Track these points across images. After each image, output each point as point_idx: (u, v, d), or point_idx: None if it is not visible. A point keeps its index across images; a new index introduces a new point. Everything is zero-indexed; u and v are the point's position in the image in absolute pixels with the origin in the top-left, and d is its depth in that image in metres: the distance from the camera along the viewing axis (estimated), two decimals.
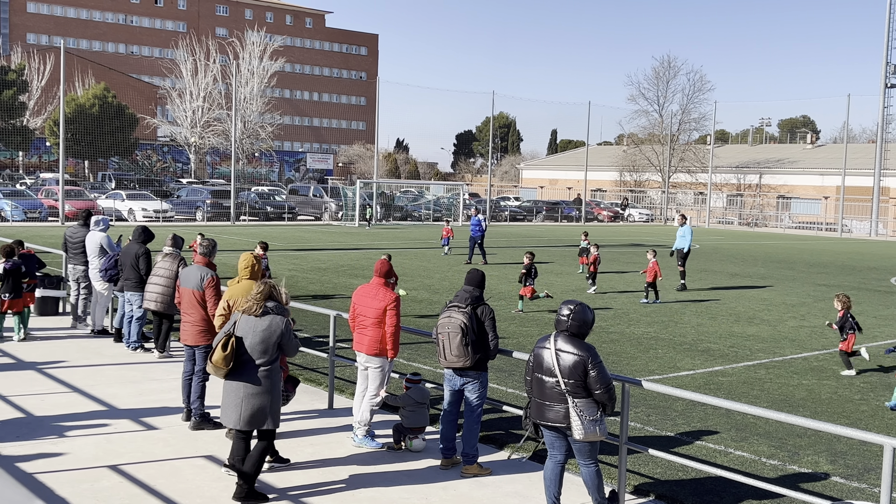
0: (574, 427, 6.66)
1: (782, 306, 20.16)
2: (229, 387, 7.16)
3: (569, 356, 6.71)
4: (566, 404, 6.71)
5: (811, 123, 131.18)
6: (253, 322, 7.14)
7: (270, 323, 7.14)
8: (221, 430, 8.89)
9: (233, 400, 7.10)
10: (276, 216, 50.15)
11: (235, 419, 7.08)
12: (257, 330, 7.10)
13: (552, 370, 6.72)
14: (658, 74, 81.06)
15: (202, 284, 9.13)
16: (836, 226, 63.52)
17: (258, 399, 7.08)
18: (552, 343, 6.81)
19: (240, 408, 7.05)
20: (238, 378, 7.10)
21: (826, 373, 12.96)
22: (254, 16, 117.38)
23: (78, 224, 14.32)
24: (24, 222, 40.13)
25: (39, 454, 7.98)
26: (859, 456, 8.98)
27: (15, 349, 12.32)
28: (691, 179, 78.11)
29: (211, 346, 9.09)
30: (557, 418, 6.74)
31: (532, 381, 6.90)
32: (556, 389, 6.71)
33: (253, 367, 7.10)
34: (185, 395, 9.28)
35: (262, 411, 7.10)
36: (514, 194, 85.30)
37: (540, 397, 6.81)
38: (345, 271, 23.85)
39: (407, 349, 13.17)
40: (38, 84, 76.03)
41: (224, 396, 7.20)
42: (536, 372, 6.84)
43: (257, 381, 7.07)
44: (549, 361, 6.74)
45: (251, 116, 78.38)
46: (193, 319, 9.16)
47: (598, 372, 6.67)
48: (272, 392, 7.15)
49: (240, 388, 7.08)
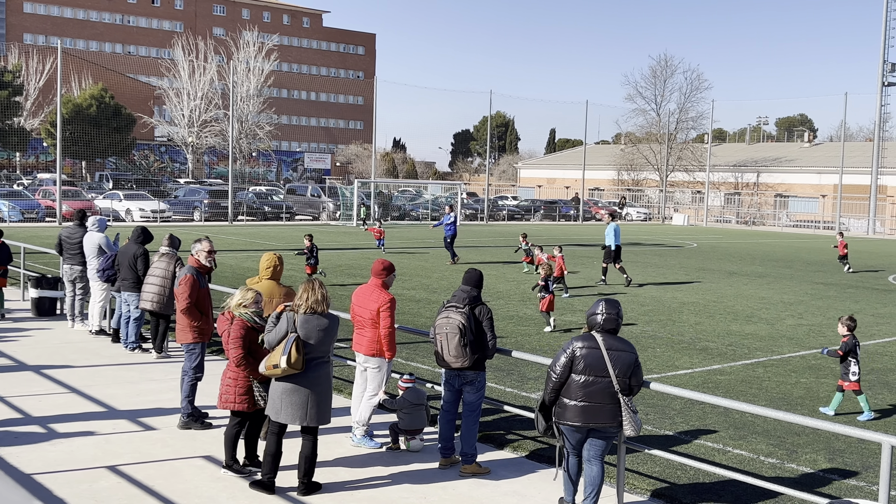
0: (626, 424, 6.68)
1: (780, 304, 20.17)
2: (289, 387, 7.19)
3: (623, 354, 6.70)
4: (617, 403, 6.69)
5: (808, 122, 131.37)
6: (315, 321, 7.27)
7: (331, 321, 7.35)
8: (212, 430, 8.88)
9: (297, 399, 7.17)
10: (273, 216, 50.13)
11: (301, 416, 7.17)
12: (320, 328, 7.25)
13: (605, 370, 6.66)
14: (655, 73, 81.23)
15: (177, 282, 9.36)
16: (834, 224, 63.57)
17: (326, 396, 7.30)
18: (599, 343, 6.73)
19: (306, 406, 7.17)
20: (307, 378, 7.19)
21: (824, 371, 12.96)
22: (251, 15, 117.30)
23: (74, 224, 14.30)
24: (22, 223, 40.08)
25: (38, 455, 7.97)
26: (858, 454, 8.99)
27: (13, 350, 12.30)
28: (689, 178, 78.15)
29: (194, 345, 9.17)
30: (608, 418, 6.71)
31: (576, 384, 6.70)
32: (609, 390, 6.67)
33: (318, 366, 7.26)
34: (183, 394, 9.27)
35: (327, 407, 7.32)
36: (512, 193, 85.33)
37: (589, 399, 6.68)
38: (343, 271, 23.83)
39: (405, 349, 13.16)
40: (36, 84, 75.98)
41: (282, 396, 7.20)
42: (585, 374, 6.68)
43: (321, 378, 7.27)
44: (603, 361, 6.67)
45: (248, 116, 78.36)
46: (177, 317, 9.35)
47: (639, 367, 6.80)
48: (331, 388, 7.47)
49: (304, 387, 7.18)
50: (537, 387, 11.22)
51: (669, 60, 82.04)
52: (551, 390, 6.84)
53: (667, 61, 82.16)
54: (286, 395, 7.21)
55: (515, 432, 9.26)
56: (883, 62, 63.46)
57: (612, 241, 22.24)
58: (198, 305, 9.26)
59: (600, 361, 6.67)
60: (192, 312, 9.18)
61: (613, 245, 22.27)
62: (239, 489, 7.35)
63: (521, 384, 11.40)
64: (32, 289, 15.19)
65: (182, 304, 9.15)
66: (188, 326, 9.22)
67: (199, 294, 9.30)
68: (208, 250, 9.64)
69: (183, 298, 9.15)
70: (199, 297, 9.28)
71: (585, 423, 6.72)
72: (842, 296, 22.33)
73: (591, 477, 6.89)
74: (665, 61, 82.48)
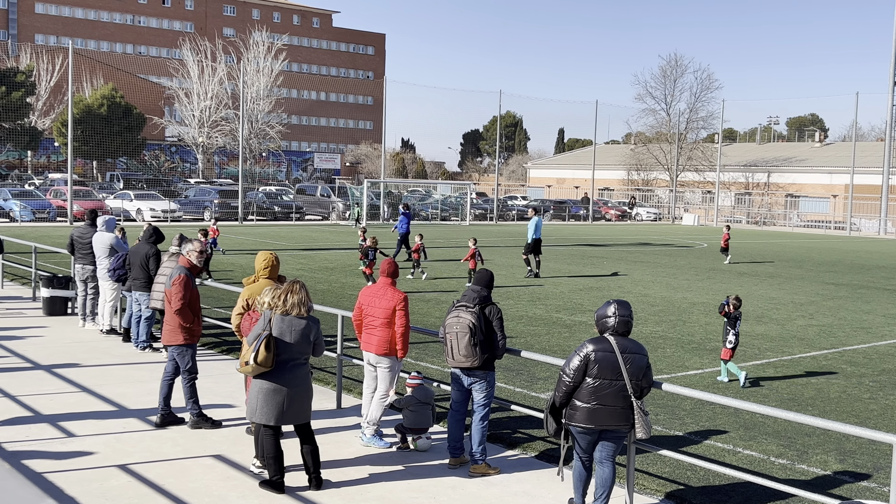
0: (638, 426, 6.70)
1: (791, 305, 20.10)
2: (266, 385, 7.24)
3: (637, 357, 6.71)
4: (629, 405, 6.70)
5: (819, 122, 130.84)
6: (290, 322, 7.30)
7: (308, 323, 7.38)
8: (221, 429, 8.89)
9: (272, 398, 7.22)
10: (283, 216, 50.23)
11: (277, 416, 7.22)
12: (296, 329, 7.29)
13: (620, 373, 6.65)
14: (665, 73, 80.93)
15: (170, 282, 9.09)
16: (845, 224, 63.31)
17: (300, 395, 7.33)
18: (614, 346, 6.70)
19: (282, 405, 7.22)
20: (277, 376, 7.24)
21: (835, 372, 12.92)
22: (261, 16, 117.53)
23: (85, 224, 14.37)
24: (33, 222, 40.27)
25: (49, 454, 8.01)
26: (868, 455, 8.95)
27: (24, 349, 12.37)
28: (699, 178, 77.94)
29: (186, 346, 9.04)
30: (620, 420, 6.71)
31: (589, 387, 6.68)
32: (622, 392, 6.67)
33: (291, 365, 7.28)
34: (162, 397, 9.11)
35: (304, 407, 7.37)
36: (522, 193, 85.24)
37: (601, 402, 6.66)
38: (352, 271, 23.86)
39: (414, 348, 13.17)
40: (47, 84, 76.31)
41: (259, 395, 7.25)
42: (599, 377, 6.65)
43: (298, 379, 7.31)
44: (618, 365, 6.65)
45: (258, 116, 78.54)
46: (165, 318, 9.14)
47: (650, 369, 6.81)
48: (310, 388, 7.49)
49: (279, 386, 7.23)
50: (547, 387, 11.22)
51: (679, 60, 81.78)
52: (563, 393, 6.80)
53: (677, 61, 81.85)
54: (262, 394, 7.26)
55: (525, 432, 9.26)
56: (894, 61, 63.14)
57: (532, 235, 23.83)
58: (190, 306, 9.07)
59: (615, 365, 6.65)
60: (185, 313, 8.98)
61: (531, 238, 23.86)
62: (249, 488, 7.37)
63: (531, 384, 11.40)
64: (44, 288, 15.28)
65: (176, 304, 8.93)
66: (179, 327, 9.02)
67: (192, 295, 9.13)
68: (199, 250, 9.38)
69: (177, 299, 8.93)
70: (191, 297, 9.11)
71: (597, 426, 6.71)
72: (853, 296, 22.24)
73: (603, 478, 6.89)
74: (675, 61, 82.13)
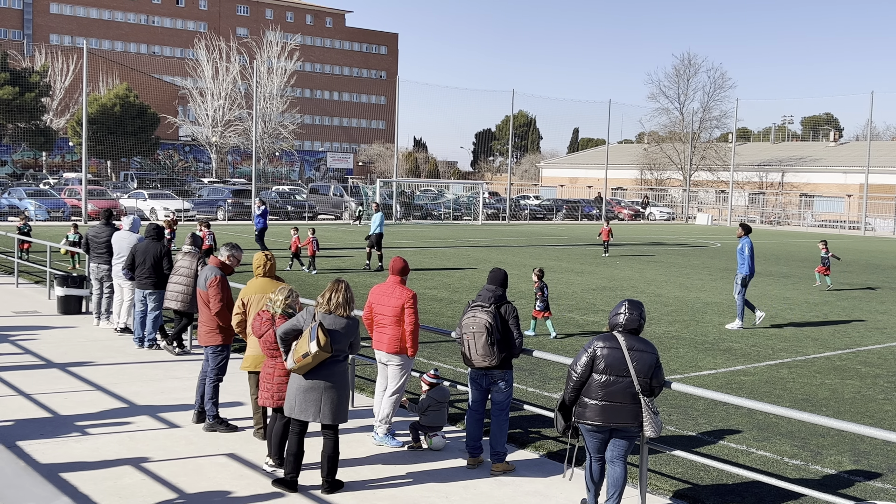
0: (646, 425, 6.68)
1: (805, 305, 20.01)
2: (307, 384, 7.27)
3: (645, 355, 6.70)
4: (638, 403, 6.69)
5: (834, 121, 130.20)
6: (334, 320, 7.37)
7: (350, 322, 7.45)
8: (236, 432, 8.91)
9: (313, 396, 7.25)
10: (296, 215, 50.33)
11: (315, 413, 7.26)
12: (337, 327, 7.35)
13: (626, 370, 6.66)
14: (678, 72, 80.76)
15: (206, 284, 9.18)
16: (860, 224, 62.93)
17: (342, 394, 7.37)
18: (621, 343, 6.73)
19: (319, 402, 7.26)
20: (321, 374, 7.27)
21: (849, 372, 12.85)
22: (274, 16, 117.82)
23: (101, 223, 14.44)
24: (48, 221, 40.49)
25: (64, 451, 8.06)
26: (883, 456, 8.91)
27: (39, 347, 12.44)
28: (713, 177, 77.66)
29: (222, 346, 9.15)
30: (628, 419, 6.71)
31: (597, 384, 6.70)
32: (630, 390, 6.67)
33: (333, 363, 7.32)
34: (198, 394, 9.22)
35: (343, 405, 7.40)
36: (535, 193, 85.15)
37: (610, 399, 6.68)
38: (365, 270, 23.90)
39: (427, 348, 13.18)
40: (62, 84, 76.72)
41: (299, 393, 7.28)
42: (606, 374, 6.68)
43: (340, 377, 7.36)
44: (624, 361, 6.67)
45: (272, 116, 78.73)
46: (203, 319, 9.23)
47: (660, 368, 6.79)
48: (348, 385, 7.56)
49: (322, 384, 7.27)
50: (559, 386, 11.20)
51: (693, 59, 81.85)
52: (571, 389, 6.85)
53: (690, 60, 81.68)
54: (301, 391, 7.28)
55: (537, 432, 9.26)
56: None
57: (375, 229, 24.61)
58: (228, 306, 9.16)
59: (621, 361, 6.67)
60: (224, 314, 9.07)
61: (374, 232, 24.60)
62: (262, 487, 7.39)
63: (543, 384, 11.39)
64: (58, 287, 15.36)
65: (215, 305, 9.03)
66: (217, 328, 9.11)
67: (228, 295, 9.23)
68: (237, 258, 9.52)
69: (216, 301, 9.05)
70: (229, 298, 9.22)
71: (606, 423, 6.71)
72: (867, 296, 22.11)
73: (614, 478, 6.88)
74: (688, 60, 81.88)
